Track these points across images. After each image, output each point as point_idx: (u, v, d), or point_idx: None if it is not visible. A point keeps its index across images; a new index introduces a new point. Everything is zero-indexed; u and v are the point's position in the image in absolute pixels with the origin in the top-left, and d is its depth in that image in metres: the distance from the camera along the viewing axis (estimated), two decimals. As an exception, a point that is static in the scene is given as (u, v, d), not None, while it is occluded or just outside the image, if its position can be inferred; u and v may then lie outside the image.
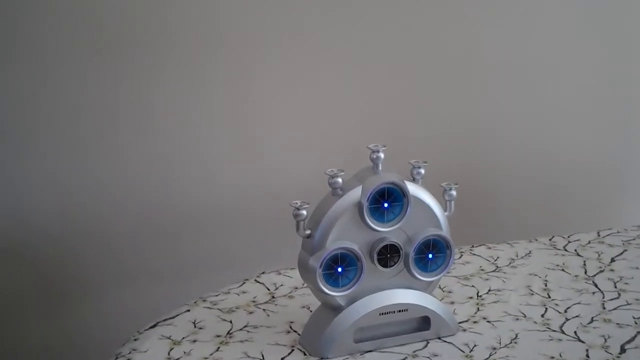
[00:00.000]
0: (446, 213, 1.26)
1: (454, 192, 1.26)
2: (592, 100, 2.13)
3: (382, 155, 1.20)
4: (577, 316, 1.33)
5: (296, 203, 1.18)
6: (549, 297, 1.40)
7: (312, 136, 1.88)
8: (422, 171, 1.23)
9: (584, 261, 1.55)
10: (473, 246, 1.62)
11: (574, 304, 1.37)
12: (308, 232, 1.19)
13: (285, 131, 1.87)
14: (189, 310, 1.36)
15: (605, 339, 1.26)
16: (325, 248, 1.18)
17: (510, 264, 1.55)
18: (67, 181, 1.75)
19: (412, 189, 1.21)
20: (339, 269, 1.19)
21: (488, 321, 1.31)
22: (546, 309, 1.35)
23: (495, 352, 1.22)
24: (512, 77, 2.04)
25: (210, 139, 1.83)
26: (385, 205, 1.20)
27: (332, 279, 1.19)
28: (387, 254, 1.21)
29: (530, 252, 1.60)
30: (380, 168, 1.21)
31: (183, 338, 1.27)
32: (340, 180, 1.19)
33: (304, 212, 1.18)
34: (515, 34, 2.02)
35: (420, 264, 1.24)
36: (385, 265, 1.22)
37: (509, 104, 2.05)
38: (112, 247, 1.81)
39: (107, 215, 1.79)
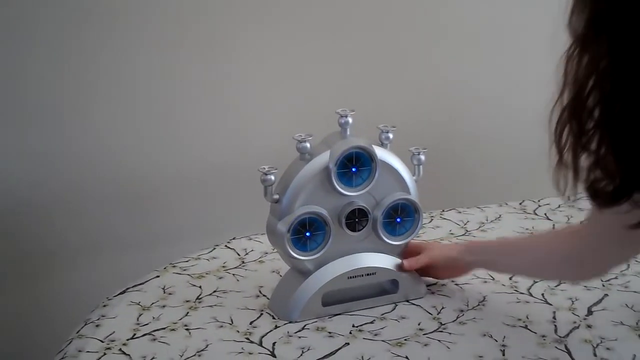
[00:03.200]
0: (415, 177, 1.26)
1: (422, 157, 1.26)
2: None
3: (350, 120, 1.20)
4: (545, 279, 1.34)
5: (264, 168, 1.17)
6: (518, 260, 1.41)
7: (281, 101, 1.87)
8: (391, 136, 1.23)
9: (554, 225, 1.56)
10: (443, 210, 1.62)
11: (542, 267, 1.38)
12: (276, 197, 1.19)
13: (254, 97, 1.86)
14: (158, 276, 1.36)
15: (573, 301, 1.27)
16: (293, 213, 1.18)
17: (480, 227, 1.55)
18: (37, 149, 1.74)
19: (381, 153, 1.21)
20: (307, 234, 1.19)
21: (456, 284, 1.32)
22: (514, 272, 1.35)
23: (463, 314, 1.23)
24: (482, 42, 2.03)
25: (179, 107, 1.82)
26: (354, 169, 1.20)
27: (301, 243, 1.19)
28: (356, 218, 1.21)
29: (500, 216, 1.61)
30: (348, 133, 1.20)
31: (152, 303, 1.27)
32: (308, 145, 1.19)
33: (272, 177, 1.18)
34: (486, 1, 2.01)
35: (388, 227, 1.24)
36: (353, 230, 1.22)
37: (479, 70, 2.05)
38: (82, 214, 1.80)
39: (77, 184, 1.78)
